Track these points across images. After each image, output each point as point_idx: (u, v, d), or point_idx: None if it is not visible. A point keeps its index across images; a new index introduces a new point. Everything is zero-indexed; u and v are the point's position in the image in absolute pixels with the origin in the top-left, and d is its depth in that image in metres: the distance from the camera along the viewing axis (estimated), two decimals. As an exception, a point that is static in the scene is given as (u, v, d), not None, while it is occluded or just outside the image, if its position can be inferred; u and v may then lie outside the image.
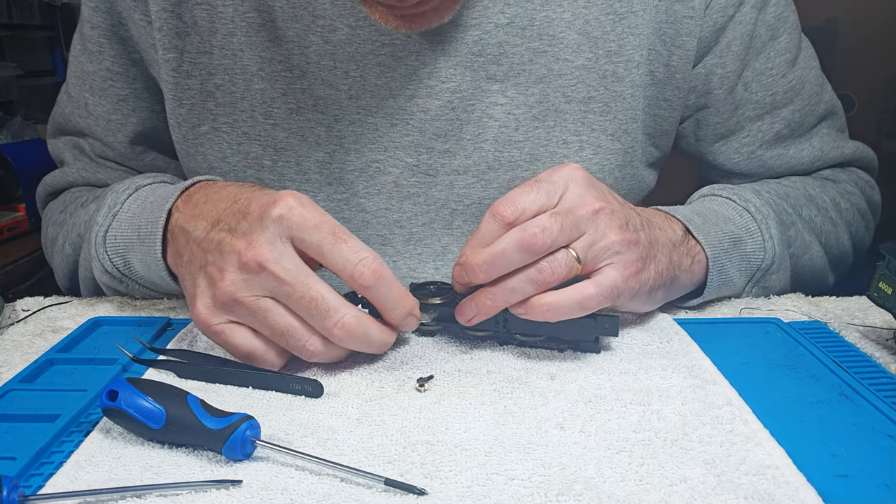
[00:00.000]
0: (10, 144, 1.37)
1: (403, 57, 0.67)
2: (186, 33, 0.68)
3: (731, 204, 0.66)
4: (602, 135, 0.70)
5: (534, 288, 0.52)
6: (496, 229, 0.52)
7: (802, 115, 0.76)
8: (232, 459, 0.42)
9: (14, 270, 1.11)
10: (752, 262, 0.65)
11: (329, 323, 0.49)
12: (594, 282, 0.52)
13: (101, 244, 0.64)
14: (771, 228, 0.65)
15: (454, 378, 0.52)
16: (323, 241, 0.50)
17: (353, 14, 0.66)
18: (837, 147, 0.79)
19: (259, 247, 0.50)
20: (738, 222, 0.65)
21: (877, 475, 0.40)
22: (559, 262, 0.51)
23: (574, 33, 0.68)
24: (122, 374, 0.54)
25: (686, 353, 0.55)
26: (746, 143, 0.76)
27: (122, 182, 0.67)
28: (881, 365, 0.53)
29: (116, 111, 0.74)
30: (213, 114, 0.70)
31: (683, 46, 0.70)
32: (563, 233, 0.51)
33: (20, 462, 0.42)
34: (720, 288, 0.64)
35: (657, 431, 0.44)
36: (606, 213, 0.54)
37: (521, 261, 0.51)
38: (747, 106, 0.75)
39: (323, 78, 0.68)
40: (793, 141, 0.77)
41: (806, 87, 0.76)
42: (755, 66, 0.74)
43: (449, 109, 0.68)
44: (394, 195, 0.70)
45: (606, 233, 0.53)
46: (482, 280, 0.52)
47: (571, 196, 0.54)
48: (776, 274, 0.66)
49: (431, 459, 0.42)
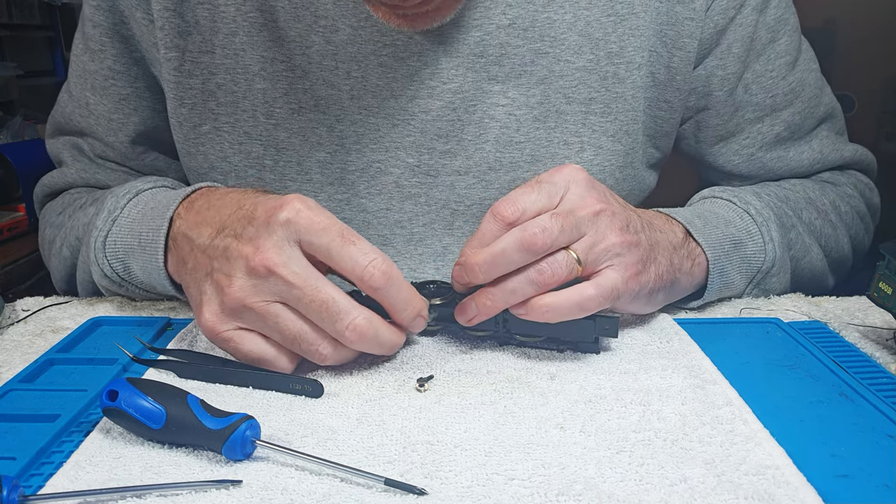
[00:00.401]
0: (10, 144, 1.37)
1: (405, 58, 0.67)
2: (188, 32, 0.68)
3: (732, 206, 0.66)
4: (603, 136, 0.70)
5: (534, 289, 0.51)
6: (496, 229, 0.52)
7: (802, 118, 0.77)
8: (232, 459, 0.42)
9: (14, 270, 1.11)
10: (753, 265, 0.65)
11: (341, 326, 0.49)
12: (594, 283, 0.52)
13: (101, 249, 0.63)
14: (772, 231, 0.65)
15: (454, 378, 0.52)
16: (332, 244, 0.49)
17: (355, 14, 0.66)
18: (837, 150, 0.79)
19: (267, 251, 0.49)
20: (738, 224, 0.65)
21: (877, 475, 0.40)
22: (559, 264, 0.51)
23: (575, 35, 0.68)
24: (122, 374, 0.54)
25: (686, 353, 0.55)
26: (746, 144, 0.76)
27: (122, 186, 0.67)
28: (881, 365, 0.53)
29: (118, 110, 0.74)
30: (215, 113, 0.70)
31: (684, 48, 0.70)
32: (564, 233, 0.51)
33: (20, 462, 0.42)
34: (720, 290, 0.64)
35: (657, 431, 0.44)
36: (607, 215, 0.54)
37: (521, 261, 0.51)
38: (747, 108, 0.75)
39: (325, 78, 0.68)
40: (793, 143, 0.77)
41: (806, 89, 0.76)
42: (755, 69, 0.74)
43: (450, 110, 0.68)
44: (395, 195, 0.70)
45: (607, 234, 0.53)
46: (482, 280, 0.52)
47: (572, 197, 0.54)
48: (776, 276, 0.66)
49: (431, 459, 0.42)
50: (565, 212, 0.52)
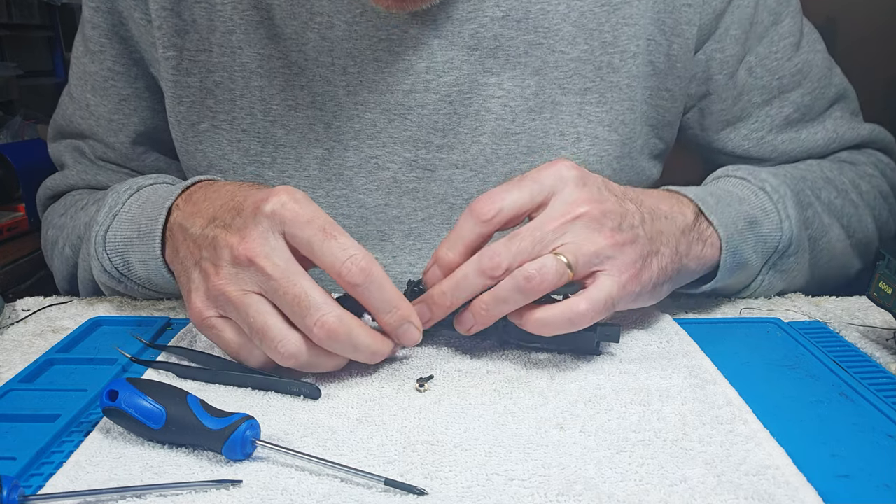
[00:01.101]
0: (10, 144, 1.37)
1: (401, 52, 0.67)
2: (186, 31, 0.68)
3: (747, 184, 0.65)
4: (599, 126, 0.70)
5: (524, 297, 0.50)
6: (472, 226, 0.52)
7: (813, 99, 0.76)
8: (232, 459, 0.42)
9: (14, 270, 1.11)
10: (769, 244, 0.62)
11: (310, 321, 0.48)
12: (586, 297, 0.50)
13: (101, 243, 0.63)
14: (788, 208, 0.63)
15: (454, 378, 0.52)
16: (313, 238, 0.49)
17: (350, 10, 0.66)
18: (853, 129, 0.77)
19: (251, 241, 0.49)
20: (753, 202, 0.63)
21: (877, 475, 0.40)
22: (548, 269, 0.49)
23: (569, 25, 0.68)
24: (122, 374, 0.54)
25: (686, 353, 0.55)
26: (755, 128, 0.75)
27: (124, 183, 0.67)
28: (881, 365, 0.53)
29: (118, 111, 0.75)
30: (213, 111, 0.70)
31: (683, 35, 0.70)
32: (522, 254, 0.50)
33: (20, 462, 0.42)
34: (734, 271, 0.61)
35: (657, 431, 0.44)
36: (594, 216, 0.51)
37: (483, 285, 0.51)
38: (754, 92, 0.74)
39: (321, 74, 0.68)
40: (805, 125, 0.76)
41: (814, 69, 0.75)
42: (759, 51, 0.73)
43: (447, 103, 0.68)
44: (393, 191, 0.70)
45: (593, 237, 0.51)
46: (448, 309, 0.52)
47: (557, 203, 0.52)
48: (794, 256, 0.64)
49: (431, 459, 0.42)
50: (530, 229, 0.51)
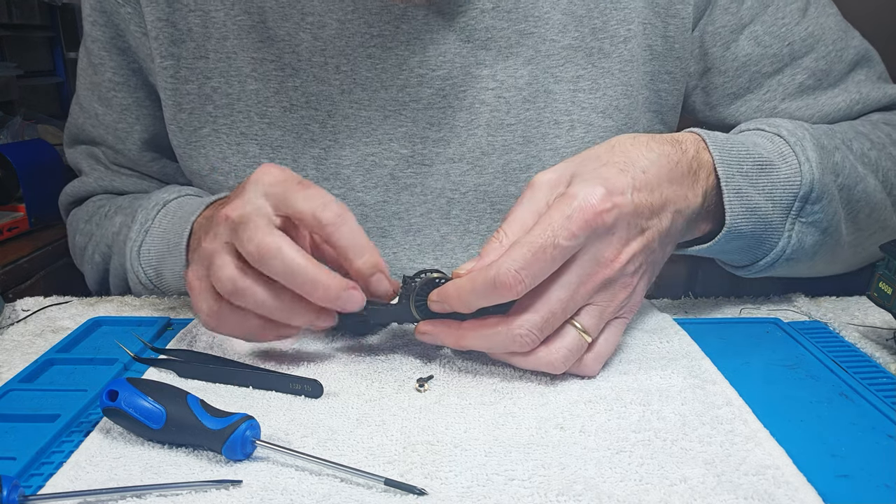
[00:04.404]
0: (10, 144, 1.37)
1: (393, 47, 0.67)
2: (182, 40, 0.70)
3: (762, 133, 0.62)
4: (593, 113, 0.70)
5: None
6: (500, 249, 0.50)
7: (829, 63, 0.72)
8: (232, 459, 0.42)
9: (14, 270, 1.11)
10: (788, 190, 0.58)
11: (244, 235, 0.49)
12: (594, 355, 0.51)
13: (136, 258, 0.68)
14: (807, 150, 0.59)
15: (454, 378, 0.52)
16: (288, 190, 0.51)
17: (341, 7, 0.67)
18: (879, 88, 0.73)
19: (233, 203, 0.51)
20: (767, 147, 0.59)
21: (877, 475, 0.40)
22: (568, 348, 0.50)
23: (559, 13, 0.68)
24: (122, 373, 0.54)
25: (686, 353, 0.55)
26: (767, 98, 0.72)
27: (150, 198, 0.70)
28: (881, 365, 0.53)
29: (122, 120, 0.77)
30: (213, 116, 0.71)
31: (678, 15, 0.70)
32: (548, 328, 0.50)
33: (20, 462, 0.42)
34: (747, 217, 0.57)
35: (657, 431, 0.44)
36: (617, 275, 0.50)
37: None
38: (763, 61, 0.71)
39: (315, 74, 0.68)
40: (822, 91, 0.72)
41: (826, 33, 0.72)
42: (764, 20, 0.71)
43: (441, 97, 0.68)
44: (391, 187, 0.71)
45: (616, 295, 0.51)
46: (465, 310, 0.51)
47: (585, 261, 0.49)
48: (820, 204, 0.59)
49: (431, 459, 0.42)
50: (557, 309, 0.49)
